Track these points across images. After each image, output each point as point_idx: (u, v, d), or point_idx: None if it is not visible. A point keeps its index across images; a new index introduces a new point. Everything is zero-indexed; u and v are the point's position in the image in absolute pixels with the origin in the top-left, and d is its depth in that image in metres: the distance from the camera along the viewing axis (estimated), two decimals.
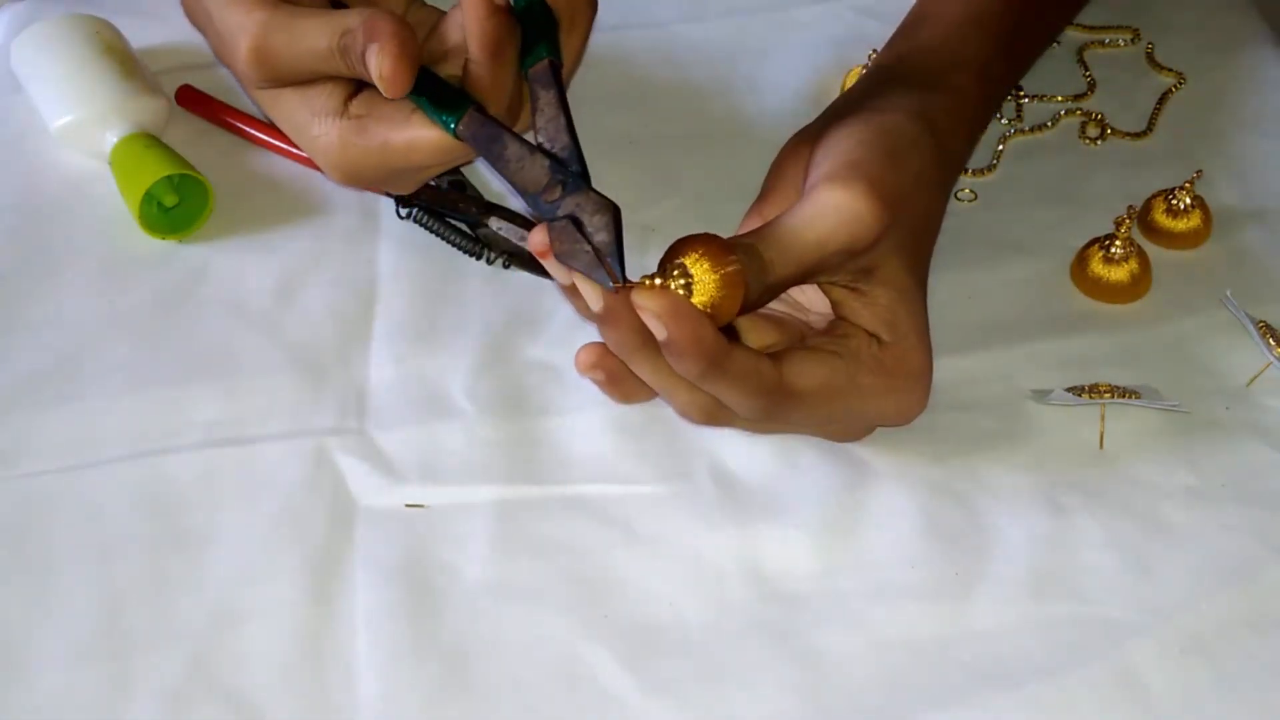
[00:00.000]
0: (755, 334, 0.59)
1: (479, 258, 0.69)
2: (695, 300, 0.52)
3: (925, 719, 0.53)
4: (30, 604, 0.56)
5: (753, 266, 0.53)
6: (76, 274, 0.69)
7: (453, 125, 0.57)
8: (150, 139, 0.71)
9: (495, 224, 0.70)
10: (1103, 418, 0.62)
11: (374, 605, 0.56)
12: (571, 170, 0.56)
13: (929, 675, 0.54)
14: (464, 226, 0.70)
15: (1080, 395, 0.61)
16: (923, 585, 0.57)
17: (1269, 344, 0.63)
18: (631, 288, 0.52)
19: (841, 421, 0.59)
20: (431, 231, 0.70)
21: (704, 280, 0.52)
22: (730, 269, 0.52)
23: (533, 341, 0.65)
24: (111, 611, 0.56)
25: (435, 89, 0.58)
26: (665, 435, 0.62)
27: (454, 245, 0.70)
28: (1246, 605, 0.56)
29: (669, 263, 0.53)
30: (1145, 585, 0.57)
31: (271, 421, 0.63)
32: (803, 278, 0.55)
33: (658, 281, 0.52)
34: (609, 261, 0.53)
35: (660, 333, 0.52)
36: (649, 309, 0.51)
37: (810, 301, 0.61)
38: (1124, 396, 0.61)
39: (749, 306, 0.54)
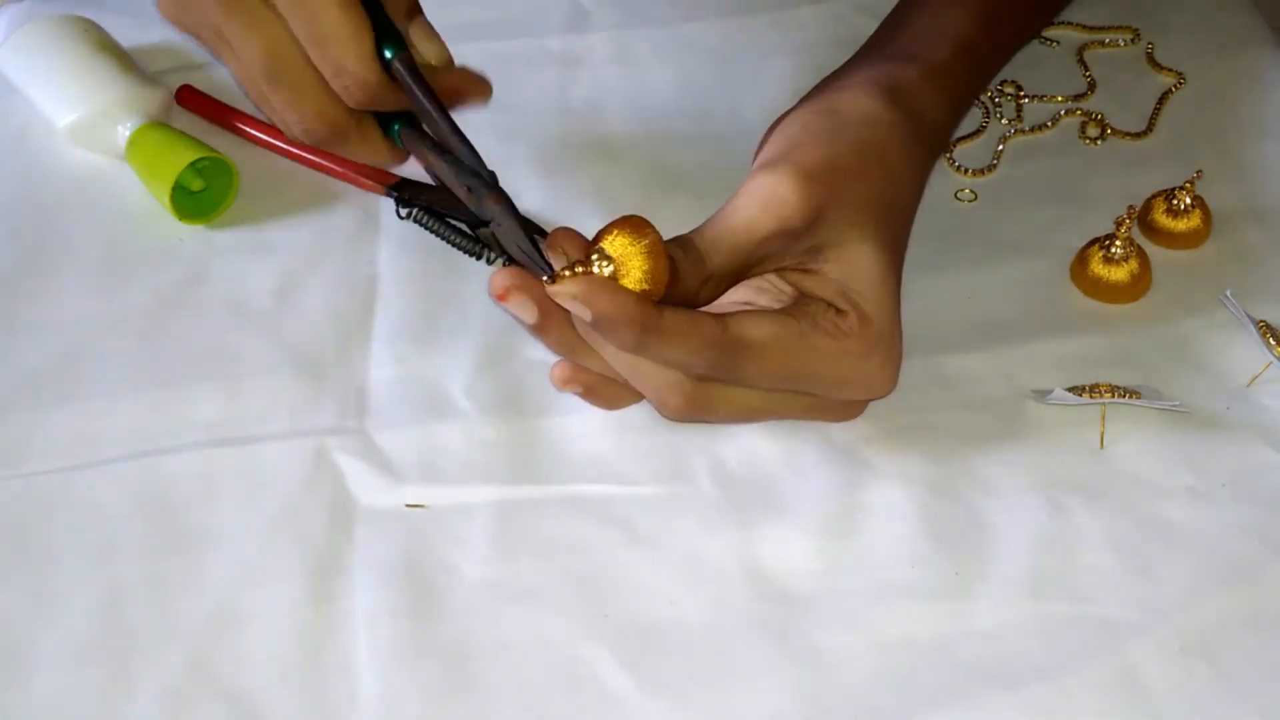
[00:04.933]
0: None
1: (479, 258, 0.69)
2: (624, 280, 0.52)
3: (925, 718, 0.53)
4: (30, 604, 0.56)
5: (688, 257, 0.54)
6: (76, 274, 0.69)
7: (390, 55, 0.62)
8: (165, 127, 0.72)
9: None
10: (1103, 417, 0.62)
11: (374, 605, 0.56)
12: (467, 168, 0.61)
13: (929, 675, 0.54)
14: (464, 226, 0.70)
15: (1080, 395, 0.61)
16: (923, 585, 0.57)
17: (1269, 344, 0.63)
18: (555, 277, 0.52)
19: (805, 385, 0.58)
20: (431, 231, 0.71)
21: (625, 256, 0.52)
22: (648, 240, 0.52)
23: (533, 341, 0.65)
24: (111, 611, 0.56)
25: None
26: (665, 435, 0.62)
27: (454, 245, 0.70)
28: (1247, 605, 0.56)
29: (589, 250, 0.53)
30: (1145, 585, 0.56)
31: (271, 421, 0.62)
32: (743, 264, 0.56)
33: (578, 269, 0.52)
34: (531, 260, 0.55)
35: (584, 314, 0.52)
36: (565, 294, 0.52)
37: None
38: (1124, 396, 0.61)
39: (690, 295, 0.54)
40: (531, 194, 0.73)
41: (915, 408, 0.62)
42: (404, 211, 0.71)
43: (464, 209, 0.70)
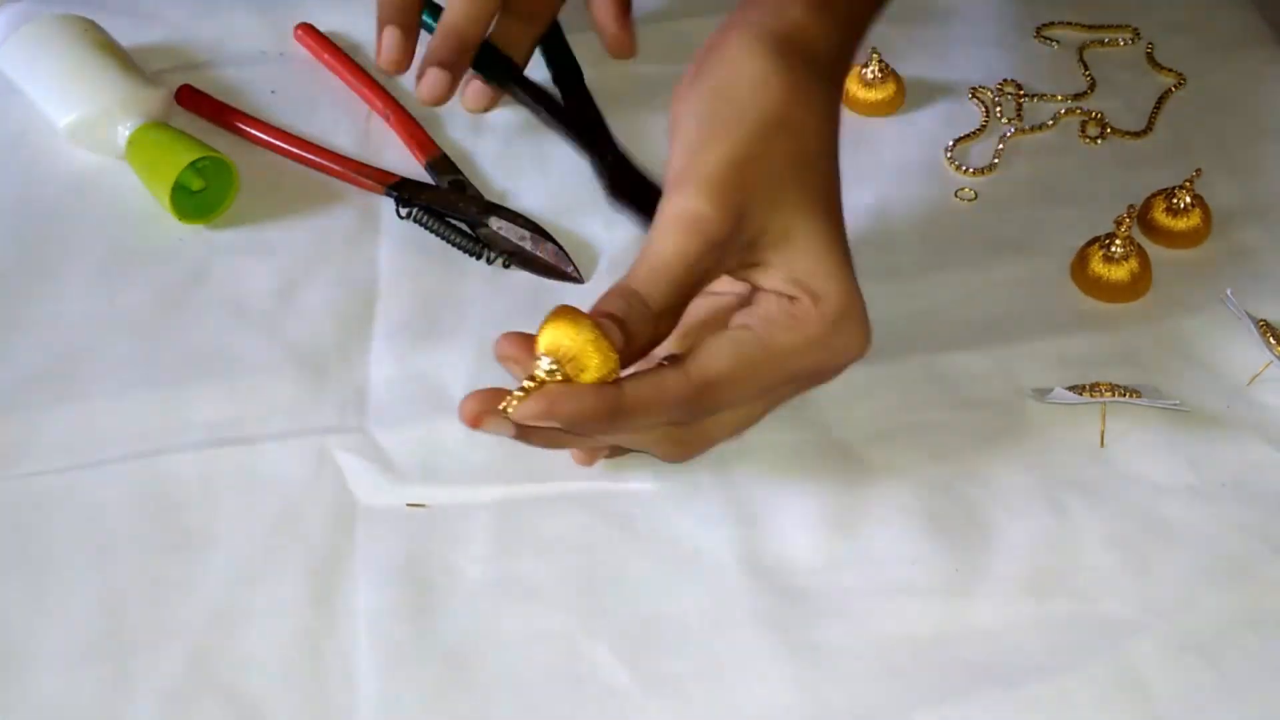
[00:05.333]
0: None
1: (479, 257, 0.69)
2: (579, 375, 0.51)
3: (925, 716, 0.53)
4: (30, 604, 0.56)
5: (633, 307, 0.53)
6: (76, 273, 0.69)
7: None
8: (165, 127, 0.72)
9: (495, 224, 0.70)
10: (1103, 416, 0.62)
11: (375, 605, 0.56)
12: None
13: (929, 672, 0.54)
14: (464, 226, 0.70)
15: (1081, 394, 0.61)
16: (923, 582, 0.57)
17: (1269, 343, 0.63)
18: (508, 403, 0.51)
19: (785, 383, 0.57)
20: (431, 231, 0.71)
21: (569, 352, 0.51)
22: (587, 330, 0.51)
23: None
24: (112, 611, 0.56)
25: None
26: None
27: (454, 245, 0.70)
28: (1246, 603, 0.56)
29: (534, 355, 0.52)
30: (1145, 583, 0.57)
31: (272, 421, 0.62)
32: (686, 291, 0.54)
33: (527, 384, 0.51)
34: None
35: (551, 424, 0.52)
36: (527, 416, 0.51)
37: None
38: (1125, 395, 0.61)
39: (648, 344, 0.54)
40: (532, 192, 0.73)
41: (915, 406, 0.62)
42: (404, 211, 0.71)
43: (464, 209, 0.70)
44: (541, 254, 0.69)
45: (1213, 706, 0.53)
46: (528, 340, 0.53)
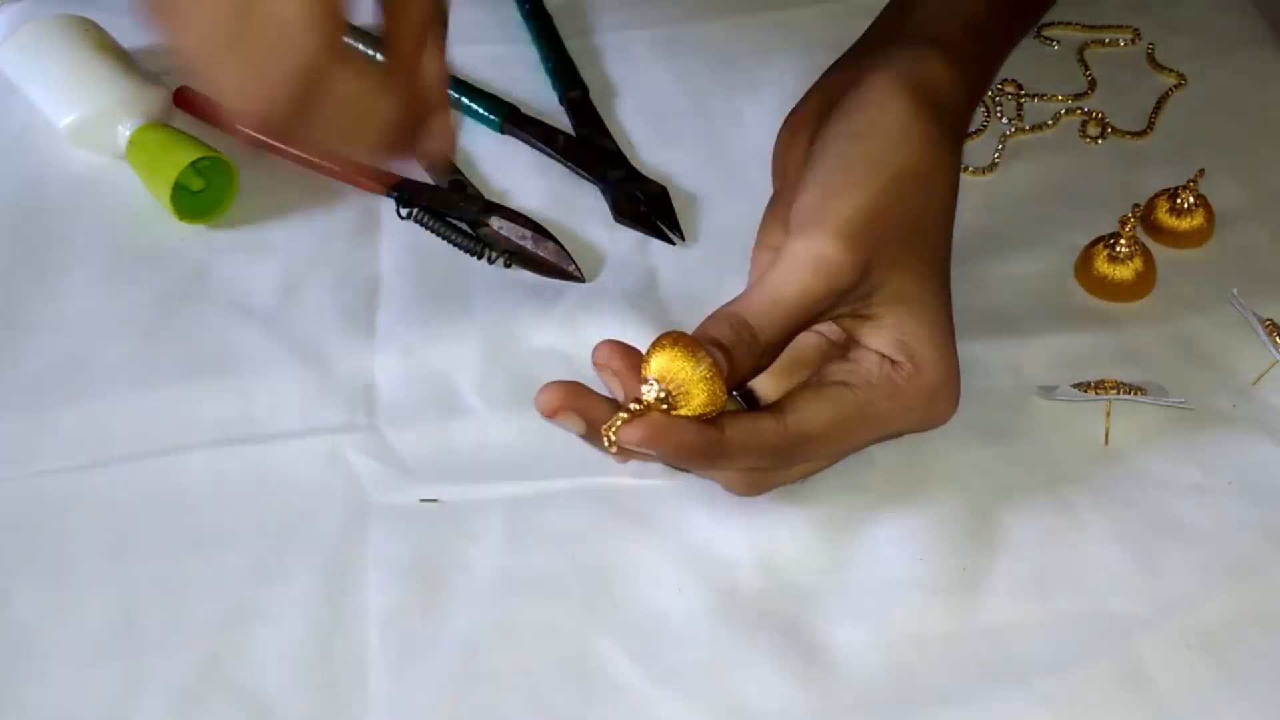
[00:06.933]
0: (773, 384, 0.59)
1: (480, 257, 0.69)
2: (683, 407, 0.51)
3: (932, 713, 0.53)
4: (43, 603, 0.56)
5: (742, 340, 0.53)
6: (78, 274, 0.69)
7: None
8: (166, 127, 0.72)
9: (496, 223, 0.70)
10: (1108, 414, 0.61)
11: (386, 602, 0.56)
12: None
13: (936, 670, 0.54)
14: (464, 226, 0.70)
15: (1086, 391, 0.61)
16: (930, 580, 0.57)
17: (1275, 342, 0.63)
18: (613, 425, 0.52)
19: (869, 443, 0.59)
20: (431, 231, 0.70)
21: (683, 383, 0.51)
22: (704, 365, 0.51)
23: (538, 334, 0.65)
24: (124, 610, 0.56)
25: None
26: None
27: (454, 245, 0.70)
28: (1253, 601, 0.56)
29: (643, 373, 0.52)
30: (1152, 581, 0.57)
31: (282, 419, 0.62)
32: (796, 331, 0.55)
33: (633, 407, 0.51)
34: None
35: (651, 454, 0.52)
36: (630, 442, 0.51)
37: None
38: (1130, 393, 0.61)
39: (748, 375, 0.54)
40: (530, 195, 0.73)
41: None
42: (404, 211, 0.71)
43: (464, 209, 0.70)
44: (542, 253, 0.69)
45: (1219, 703, 0.53)
46: (633, 356, 0.53)
